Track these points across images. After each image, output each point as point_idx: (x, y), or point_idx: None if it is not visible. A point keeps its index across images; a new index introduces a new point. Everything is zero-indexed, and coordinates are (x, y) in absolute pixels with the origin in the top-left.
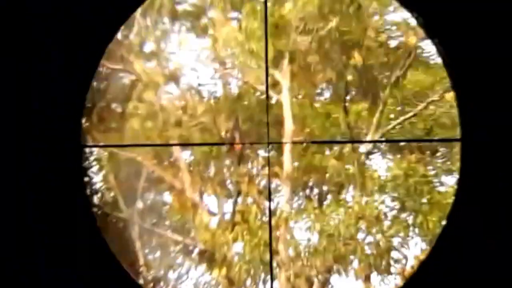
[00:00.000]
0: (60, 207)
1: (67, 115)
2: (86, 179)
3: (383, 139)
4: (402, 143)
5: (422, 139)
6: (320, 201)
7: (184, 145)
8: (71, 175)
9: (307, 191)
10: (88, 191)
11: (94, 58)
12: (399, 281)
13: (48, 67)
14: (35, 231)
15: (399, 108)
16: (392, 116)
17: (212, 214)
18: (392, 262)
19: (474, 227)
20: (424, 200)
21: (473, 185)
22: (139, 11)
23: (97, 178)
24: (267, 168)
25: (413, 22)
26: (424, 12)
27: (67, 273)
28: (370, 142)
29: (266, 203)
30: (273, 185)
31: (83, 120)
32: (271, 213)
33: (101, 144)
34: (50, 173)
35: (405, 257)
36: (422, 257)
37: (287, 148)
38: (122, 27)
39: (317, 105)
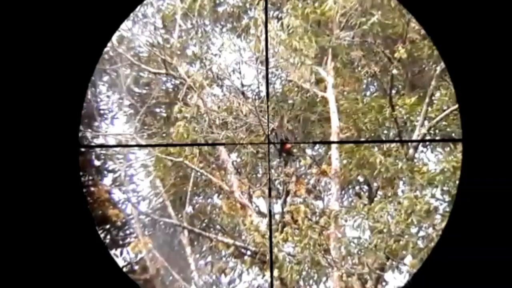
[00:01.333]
0: (57, 206)
1: (65, 115)
2: (132, 186)
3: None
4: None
5: (423, 139)
6: (370, 197)
7: (191, 145)
8: (68, 175)
9: (357, 188)
10: (136, 198)
11: (92, 59)
12: None
13: (46, 68)
14: (32, 230)
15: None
16: (445, 108)
17: (261, 215)
18: None
19: (476, 226)
20: None
21: (475, 184)
22: (179, 14)
23: (144, 184)
24: (314, 167)
25: None
26: (425, 17)
27: (64, 271)
28: (371, 142)
29: (315, 203)
30: (322, 183)
31: None
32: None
33: (99, 144)
34: (47, 173)
35: None
36: None
37: (334, 146)
38: (162, 31)
39: (366, 100)
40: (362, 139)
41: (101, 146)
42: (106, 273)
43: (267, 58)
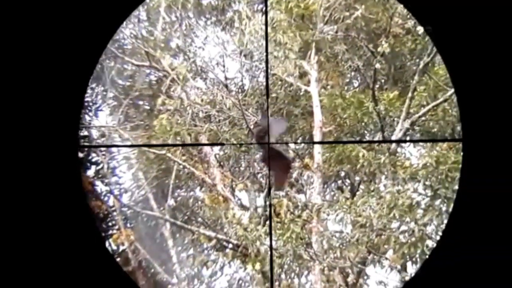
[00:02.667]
0: (56, 207)
1: (64, 114)
2: (114, 178)
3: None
4: (434, 130)
5: (423, 139)
6: (352, 192)
7: (183, 145)
8: (67, 176)
9: (339, 182)
10: (117, 191)
11: (92, 58)
12: None
13: (45, 67)
14: (32, 231)
15: (429, 95)
16: (424, 103)
17: (244, 208)
18: (426, 250)
19: (476, 227)
20: (457, 187)
21: (475, 184)
22: (163, 6)
23: (126, 177)
24: (297, 161)
25: None
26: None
27: (64, 273)
28: (371, 142)
29: (298, 196)
30: (304, 177)
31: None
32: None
33: (98, 144)
34: (46, 173)
35: None
36: None
37: (317, 140)
38: (147, 24)
39: (347, 94)
40: (351, 137)
41: (101, 146)
42: (107, 274)
43: (267, 60)
